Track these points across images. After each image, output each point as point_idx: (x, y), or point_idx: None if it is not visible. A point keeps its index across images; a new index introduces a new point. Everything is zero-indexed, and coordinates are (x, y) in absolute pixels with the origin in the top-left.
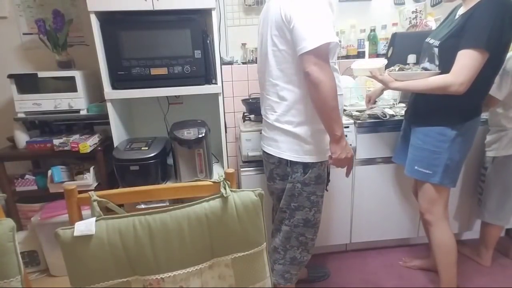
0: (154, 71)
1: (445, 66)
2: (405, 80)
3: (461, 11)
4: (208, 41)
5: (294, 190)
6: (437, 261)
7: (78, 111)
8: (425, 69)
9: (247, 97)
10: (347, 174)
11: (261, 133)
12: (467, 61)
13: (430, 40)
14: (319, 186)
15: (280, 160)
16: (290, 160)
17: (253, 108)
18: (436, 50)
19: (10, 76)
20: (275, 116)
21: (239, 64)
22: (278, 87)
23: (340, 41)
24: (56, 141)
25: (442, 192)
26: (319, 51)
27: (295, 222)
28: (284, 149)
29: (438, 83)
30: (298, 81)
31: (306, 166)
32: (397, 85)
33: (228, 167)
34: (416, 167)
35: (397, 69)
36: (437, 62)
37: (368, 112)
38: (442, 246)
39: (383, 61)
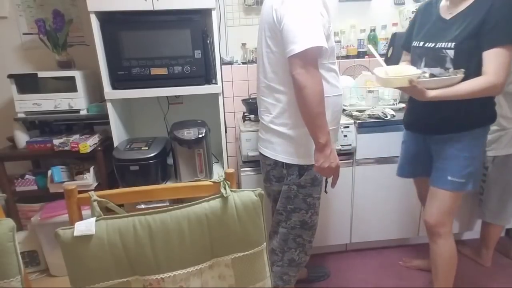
0: (154, 71)
1: (466, 69)
2: (436, 88)
3: (457, 6)
4: (208, 41)
5: (290, 192)
6: (438, 274)
7: (78, 111)
8: (432, 75)
9: (247, 97)
10: (333, 185)
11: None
12: (503, 60)
13: (426, 44)
14: (315, 188)
15: (276, 162)
16: (286, 163)
17: (253, 108)
18: (449, 52)
19: (10, 76)
20: (270, 117)
21: (239, 64)
22: (273, 89)
23: (340, 41)
24: (56, 141)
25: (458, 200)
26: (306, 55)
27: (291, 224)
28: (280, 151)
29: (482, 86)
30: (292, 83)
31: (301, 168)
32: (434, 94)
33: (228, 167)
34: (449, 178)
35: (427, 75)
36: (448, 66)
37: (368, 112)
38: (448, 260)
39: (413, 68)
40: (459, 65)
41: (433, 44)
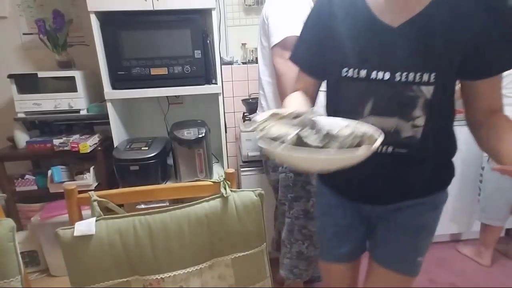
0: (154, 71)
1: (440, 112)
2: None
3: (407, 3)
4: (208, 41)
5: (288, 180)
6: None
7: (78, 111)
8: (384, 128)
9: (247, 97)
10: None
11: None
12: (500, 85)
13: (373, 73)
14: (313, 175)
15: None
16: None
17: (253, 108)
18: (425, 90)
19: (10, 76)
20: (261, 107)
21: (239, 64)
22: (263, 80)
23: None
24: (56, 141)
25: None
26: (284, 44)
27: (295, 214)
28: None
29: None
30: None
31: None
32: None
33: (228, 167)
34: (419, 259)
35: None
36: (417, 113)
37: None
38: None
39: None
40: (435, 111)
41: (388, 75)
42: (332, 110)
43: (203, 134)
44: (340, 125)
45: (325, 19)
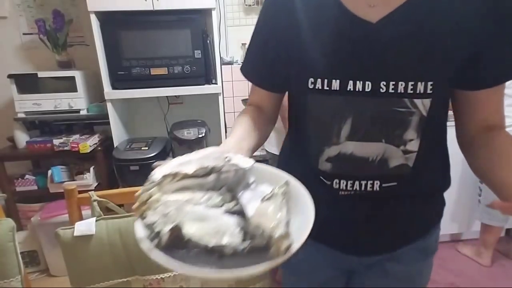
0: (154, 71)
1: (437, 131)
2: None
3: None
4: (208, 41)
5: None
6: None
7: (78, 111)
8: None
9: (247, 97)
10: None
11: None
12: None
13: (350, 84)
14: None
15: (273, 154)
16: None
17: None
18: (420, 105)
19: (10, 76)
20: None
21: (239, 64)
22: None
23: None
24: (56, 141)
25: None
26: None
27: None
28: (273, 144)
29: None
30: None
31: None
32: None
33: None
34: None
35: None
36: (410, 136)
37: None
38: None
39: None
40: (431, 131)
41: (369, 85)
42: (297, 133)
43: (203, 134)
44: (279, 181)
45: (283, 15)
